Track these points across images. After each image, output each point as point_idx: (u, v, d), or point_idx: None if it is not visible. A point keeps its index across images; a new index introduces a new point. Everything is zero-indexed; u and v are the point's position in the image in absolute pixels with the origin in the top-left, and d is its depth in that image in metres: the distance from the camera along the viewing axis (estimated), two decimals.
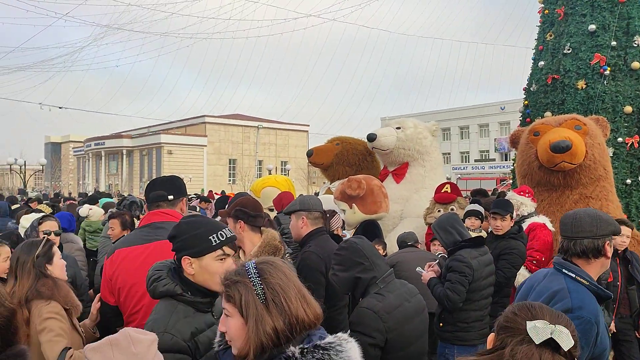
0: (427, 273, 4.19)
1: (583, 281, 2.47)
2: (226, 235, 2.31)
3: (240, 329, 1.62)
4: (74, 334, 2.79)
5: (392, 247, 6.22)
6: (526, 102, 8.88)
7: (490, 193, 11.86)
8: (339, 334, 1.64)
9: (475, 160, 58.17)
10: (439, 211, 6.29)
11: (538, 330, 1.55)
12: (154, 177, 3.78)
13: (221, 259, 2.27)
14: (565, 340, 1.55)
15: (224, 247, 2.29)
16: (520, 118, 9.07)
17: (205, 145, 61.57)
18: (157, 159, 59.61)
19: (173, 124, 65.39)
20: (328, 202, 5.80)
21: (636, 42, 7.70)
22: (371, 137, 8.20)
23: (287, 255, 3.75)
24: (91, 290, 4.76)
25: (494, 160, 55.51)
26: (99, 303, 3.04)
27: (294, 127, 70.01)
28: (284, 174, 47.45)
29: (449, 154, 59.87)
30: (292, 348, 1.56)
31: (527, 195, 5.55)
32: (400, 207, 7.68)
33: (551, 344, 1.54)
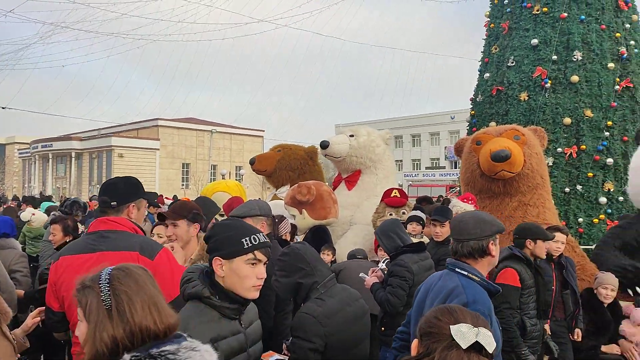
0: (370, 278, 4.27)
1: (474, 278, 2.63)
2: (259, 240, 2.27)
3: (85, 334, 1.57)
4: (3, 342, 2.69)
5: (342, 252, 6.28)
6: (473, 112, 9.14)
7: (436, 200, 12.16)
8: (186, 343, 1.58)
9: (426, 168, 59.30)
10: (390, 214, 6.36)
11: (464, 334, 1.56)
12: (103, 181, 3.52)
13: (252, 264, 2.23)
14: (490, 342, 1.58)
15: (256, 252, 2.24)
16: (468, 127, 9.34)
17: (158, 149, 60.31)
18: (107, 162, 57.91)
19: (124, 126, 63.76)
20: (277, 207, 5.83)
21: (575, 56, 8.05)
22: (324, 145, 8.25)
23: None
24: (22, 292, 4.59)
25: (444, 167, 56.74)
26: (38, 317, 2.95)
27: (249, 132, 69.58)
28: (238, 179, 47.05)
29: (401, 161, 60.88)
30: (125, 356, 1.50)
31: (470, 202, 5.68)
32: (351, 213, 7.74)
33: (476, 347, 1.56)
